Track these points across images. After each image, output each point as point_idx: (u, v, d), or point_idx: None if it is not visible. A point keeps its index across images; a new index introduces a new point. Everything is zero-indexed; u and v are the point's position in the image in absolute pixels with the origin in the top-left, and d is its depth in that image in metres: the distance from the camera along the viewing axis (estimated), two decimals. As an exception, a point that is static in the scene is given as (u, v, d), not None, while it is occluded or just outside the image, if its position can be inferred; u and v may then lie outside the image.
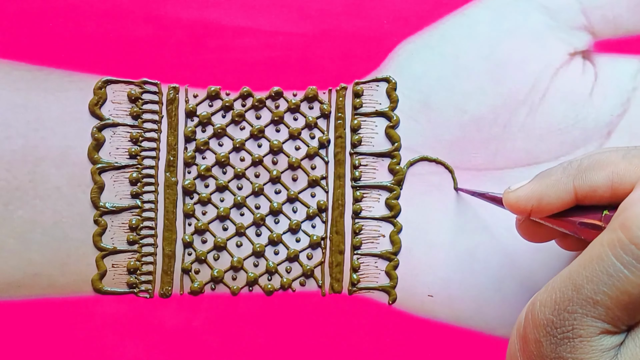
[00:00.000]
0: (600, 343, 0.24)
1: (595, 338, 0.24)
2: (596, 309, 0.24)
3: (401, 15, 0.35)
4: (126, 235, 0.35)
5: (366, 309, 0.35)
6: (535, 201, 0.28)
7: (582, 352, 0.24)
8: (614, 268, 0.23)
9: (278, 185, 0.35)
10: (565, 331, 0.24)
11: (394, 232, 0.35)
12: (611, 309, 0.24)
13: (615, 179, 0.26)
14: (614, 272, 0.23)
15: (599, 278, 0.24)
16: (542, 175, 0.29)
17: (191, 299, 0.35)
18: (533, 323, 0.25)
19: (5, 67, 0.34)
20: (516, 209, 0.29)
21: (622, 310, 0.24)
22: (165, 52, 0.35)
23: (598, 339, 0.24)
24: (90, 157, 0.34)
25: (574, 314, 0.24)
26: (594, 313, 0.24)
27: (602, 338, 0.24)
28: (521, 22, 0.36)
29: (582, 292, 0.24)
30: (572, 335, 0.24)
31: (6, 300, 0.34)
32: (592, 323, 0.24)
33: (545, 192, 0.28)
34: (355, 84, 0.35)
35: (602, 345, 0.24)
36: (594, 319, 0.24)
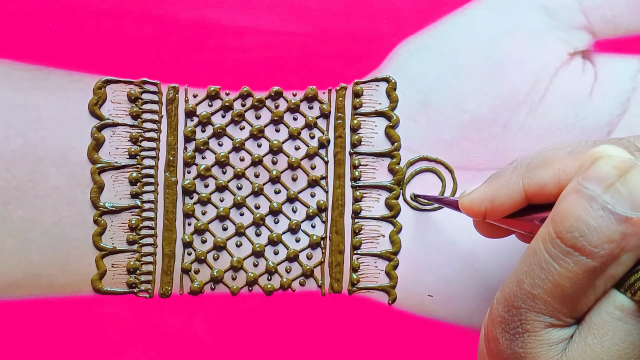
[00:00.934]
0: (548, 337, 0.24)
1: (542, 332, 0.24)
2: (535, 303, 0.24)
3: (401, 15, 0.35)
4: (126, 235, 0.35)
5: (366, 309, 0.35)
6: (487, 203, 0.28)
7: (531, 347, 0.24)
8: (545, 261, 0.24)
9: (278, 185, 0.35)
10: (515, 327, 0.25)
11: (393, 232, 0.35)
12: (549, 302, 0.24)
13: (562, 175, 0.26)
14: (545, 266, 0.24)
15: (534, 272, 0.24)
16: (493, 176, 0.29)
17: (191, 298, 0.35)
18: (491, 320, 0.26)
19: (5, 67, 0.34)
20: (471, 212, 0.29)
21: (558, 302, 0.24)
22: (165, 52, 0.35)
23: (545, 332, 0.24)
24: (89, 157, 0.34)
25: (519, 309, 0.25)
26: (535, 307, 0.24)
27: (549, 332, 0.24)
28: (521, 22, 0.36)
29: (523, 287, 0.25)
30: (521, 330, 0.25)
31: (6, 300, 0.34)
32: (536, 317, 0.24)
33: (497, 194, 0.28)
34: (355, 83, 0.35)
35: (549, 339, 0.24)
36: (536, 313, 0.24)
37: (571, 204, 0.23)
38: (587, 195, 0.23)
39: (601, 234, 0.23)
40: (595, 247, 0.23)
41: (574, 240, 0.23)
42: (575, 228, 0.23)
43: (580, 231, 0.23)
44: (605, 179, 0.23)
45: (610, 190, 0.23)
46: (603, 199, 0.23)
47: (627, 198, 0.23)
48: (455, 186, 0.36)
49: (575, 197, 0.23)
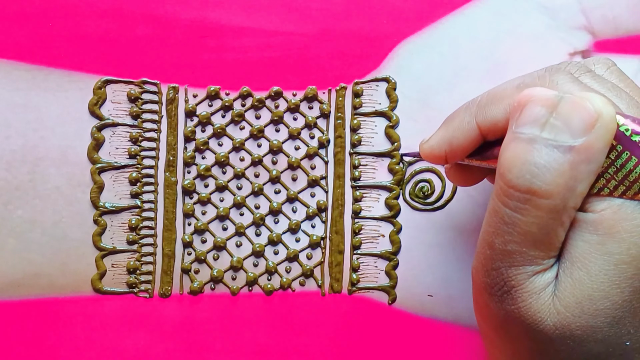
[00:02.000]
0: (534, 285, 0.24)
1: (527, 283, 0.24)
2: (512, 257, 0.24)
3: (401, 15, 0.35)
4: (126, 235, 0.35)
5: (366, 309, 0.35)
6: (446, 146, 0.29)
7: (522, 300, 0.25)
8: (507, 215, 0.24)
9: (278, 185, 0.35)
10: (500, 287, 0.25)
11: (393, 232, 0.35)
12: (524, 252, 0.24)
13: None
14: (508, 220, 0.24)
15: (500, 229, 0.24)
16: (447, 119, 0.29)
17: (191, 298, 0.35)
18: (477, 290, 0.26)
19: (5, 67, 0.34)
20: (432, 158, 0.30)
21: (533, 249, 0.24)
22: (165, 52, 0.35)
23: (530, 282, 0.24)
24: (89, 157, 0.34)
25: (499, 270, 0.25)
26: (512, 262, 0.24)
27: (534, 280, 0.24)
28: (521, 22, 0.36)
29: (495, 247, 0.25)
30: (507, 289, 0.25)
31: (6, 300, 0.34)
32: (517, 271, 0.25)
33: (453, 135, 0.28)
34: (355, 83, 0.35)
35: (536, 287, 0.24)
36: (516, 267, 0.24)
37: (513, 151, 0.24)
38: (526, 138, 0.24)
39: (551, 169, 0.23)
40: (549, 184, 0.23)
41: (527, 184, 0.23)
42: (525, 172, 0.23)
43: (530, 173, 0.23)
44: (538, 119, 0.24)
45: (547, 127, 0.23)
46: (542, 137, 0.23)
47: (565, 128, 0.23)
48: (455, 187, 0.36)
49: (515, 144, 0.24)
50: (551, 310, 0.24)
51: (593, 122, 0.23)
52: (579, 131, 0.23)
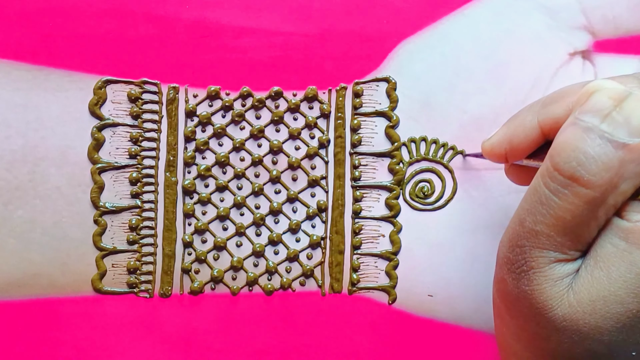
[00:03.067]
0: (553, 272, 0.24)
1: (546, 268, 0.24)
2: (539, 239, 0.24)
3: (401, 15, 0.35)
4: (126, 235, 0.35)
5: (366, 309, 0.35)
6: (507, 144, 0.29)
7: (537, 283, 0.25)
8: (545, 196, 0.24)
9: (278, 185, 0.35)
10: (520, 265, 0.25)
11: (393, 232, 0.35)
12: (552, 237, 0.24)
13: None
14: (545, 201, 0.24)
15: (535, 209, 0.24)
16: (511, 118, 0.29)
17: (191, 298, 0.35)
18: (498, 263, 0.26)
19: (5, 67, 0.34)
20: (493, 156, 0.30)
21: (561, 236, 0.24)
22: (165, 52, 0.35)
23: (549, 268, 0.24)
24: (90, 157, 0.34)
25: (523, 248, 0.25)
26: (538, 244, 0.24)
27: (554, 267, 0.24)
28: (521, 22, 0.36)
29: (525, 225, 0.25)
30: (526, 269, 0.25)
31: (6, 300, 0.34)
32: (540, 254, 0.25)
33: (514, 134, 0.28)
34: (355, 84, 0.35)
35: (554, 275, 0.24)
36: (540, 249, 0.24)
37: (568, 136, 0.24)
38: (584, 126, 0.23)
39: (599, 161, 0.23)
40: (593, 175, 0.23)
41: (572, 171, 0.23)
42: (573, 158, 0.23)
43: (577, 161, 0.23)
44: (601, 109, 0.23)
45: (607, 119, 0.23)
46: (600, 128, 0.23)
47: (624, 125, 0.23)
48: (455, 187, 0.36)
49: (572, 129, 0.24)
50: (563, 301, 0.24)
51: None
52: (637, 131, 0.23)
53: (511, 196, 0.35)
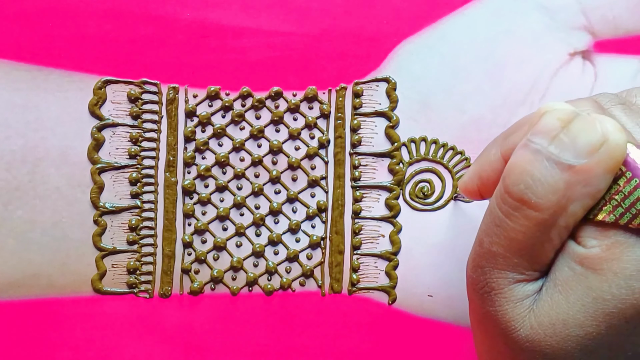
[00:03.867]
0: (513, 293, 0.24)
1: (506, 289, 0.24)
2: (496, 260, 0.24)
3: (401, 15, 0.35)
4: (126, 236, 0.35)
5: (366, 309, 0.35)
6: (477, 180, 0.28)
7: (499, 305, 0.25)
8: (498, 218, 0.24)
9: (278, 185, 0.35)
10: (482, 286, 0.25)
11: (393, 232, 0.35)
12: (508, 258, 0.24)
13: None
14: (499, 222, 0.24)
15: (491, 230, 0.24)
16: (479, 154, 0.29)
17: (191, 299, 0.35)
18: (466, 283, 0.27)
19: (5, 67, 0.34)
20: (469, 194, 0.29)
21: (517, 257, 0.24)
22: (165, 52, 0.35)
23: (509, 289, 0.24)
24: (89, 157, 0.34)
25: (484, 269, 0.25)
26: (497, 265, 0.24)
27: (514, 288, 0.24)
28: (521, 23, 0.36)
29: (483, 245, 0.25)
30: (487, 289, 0.25)
31: (6, 300, 0.34)
32: (499, 275, 0.25)
33: (482, 169, 0.28)
34: (355, 84, 0.35)
35: (515, 296, 0.24)
36: (498, 270, 0.25)
37: (517, 158, 0.24)
38: (533, 148, 0.23)
39: (545, 184, 0.23)
40: (540, 198, 0.23)
41: (520, 194, 0.23)
42: (521, 181, 0.23)
43: (525, 184, 0.23)
44: (550, 131, 0.23)
45: (555, 141, 0.23)
46: (548, 150, 0.23)
47: (570, 147, 0.23)
48: (455, 186, 0.36)
49: (522, 151, 0.24)
50: (525, 323, 0.24)
51: (598, 145, 0.23)
52: (583, 152, 0.23)
53: (511, 196, 0.35)
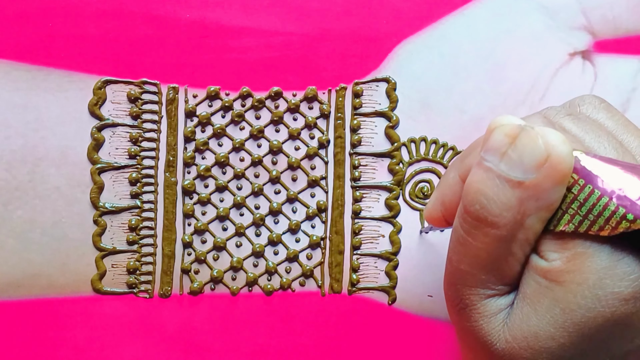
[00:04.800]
0: (486, 309, 0.25)
1: (479, 305, 0.25)
2: (465, 277, 0.25)
3: (401, 15, 0.35)
4: (126, 236, 0.35)
5: (366, 309, 0.35)
6: (439, 206, 0.28)
7: (474, 320, 0.25)
8: (462, 237, 0.24)
9: (278, 185, 0.35)
10: (457, 303, 0.25)
11: (393, 232, 0.35)
12: (475, 275, 0.24)
13: None
14: (463, 240, 0.24)
15: (457, 248, 0.25)
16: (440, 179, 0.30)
17: (191, 299, 0.35)
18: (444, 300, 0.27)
19: (4, 67, 0.34)
20: (434, 221, 0.29)
21: (483, 273, 0.24)
22: (165, 52, 0.35)
23: (482, 305, 0.25)
24: (89, 157, 0.34)
25: (456, 286, 0.25)
26: (466, 282, 0.25)
27: (487, 303, 0.25)
28: (521, 22, 0.36)
29: (453, 264, 0.25)
30: (462, 306, 0.25)
31: (6, 300, 0.34)
32: (470, 291, 0.25)
33: (444, 194, 0.28)
34: (355, 84, 0.35)
35: (488, 311, 0.25)
36: (469, 287, 0.25)
37: (472, 178, 0.24)
38: (485, 167, 0.23)
39: (499, 202, 0.23)
40: (496, 216, 0.23)
41: (477, 213, 0.23)
42: (476, 201, 0.23)
43: (480, 203, 0.23)
44: (499, 148, 0.23)
45: (505, 158, 0.23)
46: (499, 167, 0.23)
47: (518, 163, 0.23)
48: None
49: (476, 170, 0.24)
50: (500, 337, 0.24)
51: (543, 160, 0.22)
52: (530, 168, 0.23)
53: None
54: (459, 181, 0.27)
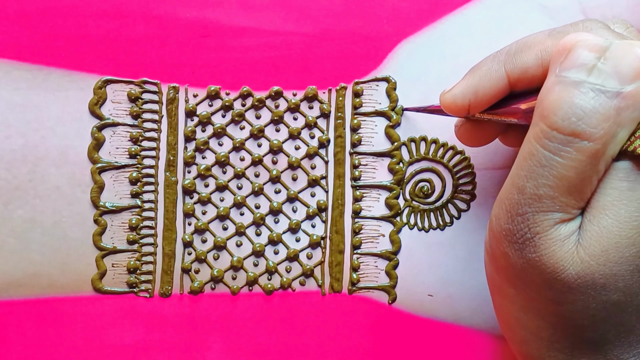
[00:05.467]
0: (558, 233, 0.25)
1: (551, 230, 0.25)
2: (543, 202, 0.24)
3: (401, 15, 0.35)
4: (126, 235, 0.35)
5: (366, 309, 0.35)
6: (471, 95, 0.28)
7: (544, 248, 0.25)
8: (545, 158, 0.24)
9: (278, 184, 0.35)
10: (524, 234, 0.25)
11: (393, 231, 0.35)
12: (556, 198, 0.24)
13: (544, 56, 0.27)
14: (546, 162, 0.24)
15: (535, 173, 0.24)
16: (473, 69, 0.29)
17: (191, 298, 0.35)
18: (495, 239, 0.26)
19: (5, 66, 0.34)
20: (454, 109, 0.29)
21: (566, 195, 0.24)
22: (165, 52, 0.35)
23: (554, 230, 0.25)
24: (90, 156, 0.34)
25: (525, 215, 0.25)
26: (542, 207, 0.25)
27: (559, 228, 0.25)
28: (520, 22, 0.36)
29: (526, 191, 0.25)
30: (530, 236, 0.25)
31: (6, 300, 0.34)
32: (544, 217, 0.25)
33: (479, 84, 0.28)
34: (355, 83, 0.35)
35: (560, 235, 0.25)
36: (544, 213, 0.25)
37: (559, 95, 0.24)
38: (572, 82, 0.24)
39: (597, 113, 0.23)
40: (594, 127, 0.23)
41: (573, 127, 0.23)
42: (571, 114, 0.23)
43: (576, 116, 0.23)
44: (585, 63, 0.24)
45: (594, 72, 0.24)
46: (589, 81, 0.23)
47: (613, 74, 0.23)
48: (455, 186, 0.36)
49: (561, 87, 0.24)
50: (574, 259, 0.24)
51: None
52: (628, 77, 0.23)
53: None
54: (504, 76, 0.27)
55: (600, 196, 0.24)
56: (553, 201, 0.24)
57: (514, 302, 0.27)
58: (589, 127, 0.23)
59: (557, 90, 0.24)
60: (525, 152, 0.25)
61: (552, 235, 0.25)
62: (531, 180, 0.25)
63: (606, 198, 0.24)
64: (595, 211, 0.24)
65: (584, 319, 0.25)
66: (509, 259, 0.26)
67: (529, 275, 0.25)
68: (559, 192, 0.24)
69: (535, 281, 0.25)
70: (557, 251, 0.24)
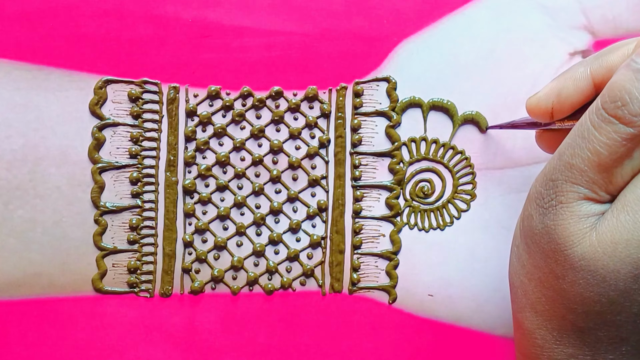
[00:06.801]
0: (579, 209, 0.25)
1: (574, 204, 0.25)
2: (572, 172, 0.25)
3: (401, 15, 0.35)
4: (126, 235, 0.35)
5: (366, 309, 0.35)
6: (554, 97, 0.29)
7: (562, 218, 0.25)
8: (587, 130, 0.25)
9: (278, 184, 0.35)
10: (550, 200, 0.26)
11: (394, 231, 0.35)
12: (585, 172, 0.25)
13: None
14: (586, 134, 0.25)
15: (575, 142, 0.25)
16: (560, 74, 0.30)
17: (191, 298, 0.35)
18: (528, 199, 0.27)
19: (5, 66, 0.34)
20: (538, 112, 0.30)
21: (595, 172, 0.25)
22: (166, 52, 0.35)
23: (577, 204, 0.25)
24: (90, 156, 0.34)
25: (556, 182, 0.25)
26: (571, 178, 0.25)
27: (582, 204, 0.25)
28: (521, 22, 0.36)
29: (563, 158, 0.25)
30: (555, 203, 0.25)
31: (6, 299, 0.34)
32: (571, 188, 0.25)
33: (564, 85, 0.28)
34: (356, 83, 0.35)
35: (581, 211, 0.25)
36: (572, 184, 0.25)
37: (619, 77, 0.24)
38: (635, 67, 0.24)
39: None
40: (635, 115, 0.24)
41: (616, 109, 0.24)
42: (619, 97, 0.24)
43: (622, 100, 0.24)
44: None
45: None
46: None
47: None
48: (455, 186, 0.36)
49: (625, 70, 0.24)
50: (585, 239, 0.25)
51: None
52: None
53: (511, 196, 0.35)
54: (588, 77, 0.28)
55: (628, 192, 0.25)
56: (582, 174, 0.25)
57: (524, 265, 0.27)
58: (629, 114, 0.24)
59: (621, 72, 0.24)
60: (579, 122, 0.25)
61: (574, 209, 0.25)
62: (570, 149, 0.25)
63: (632, 195, 0.24)
64: (619, 204, 0.25)
65: (578, 304, 0.25)
66: (532, 221, 0.26)
67: (542, 242, 0.26)
68: (588, 167, 0.25)
69: (546, 249, 0.26)
70: (572, 225, 0.25)
